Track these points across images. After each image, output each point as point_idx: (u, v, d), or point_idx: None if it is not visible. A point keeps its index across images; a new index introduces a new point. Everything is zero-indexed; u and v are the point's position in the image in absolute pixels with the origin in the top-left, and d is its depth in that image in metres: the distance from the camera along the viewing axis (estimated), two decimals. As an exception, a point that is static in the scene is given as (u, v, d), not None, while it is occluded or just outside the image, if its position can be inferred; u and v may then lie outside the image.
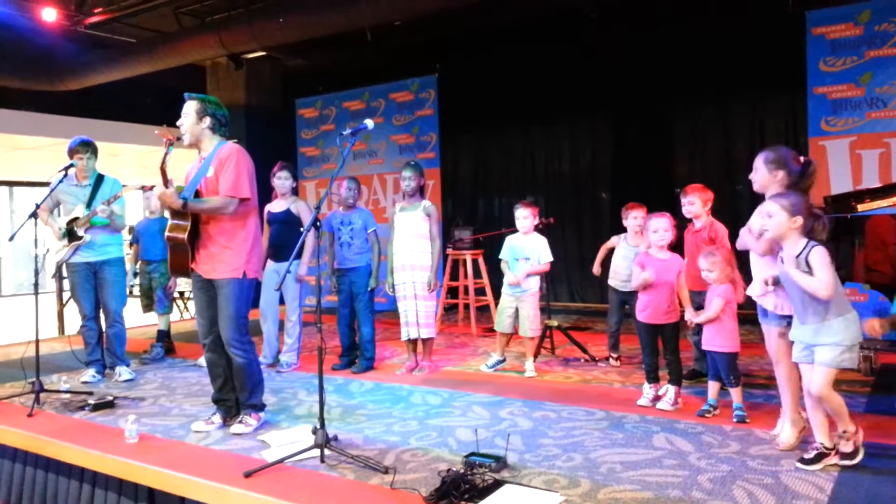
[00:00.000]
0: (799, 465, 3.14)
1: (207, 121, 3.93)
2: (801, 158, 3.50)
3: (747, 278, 3.71)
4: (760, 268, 3.53)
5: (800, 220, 3.10)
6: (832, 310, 3.07)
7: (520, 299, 5.28)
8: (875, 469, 3.10)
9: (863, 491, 2.89)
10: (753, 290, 3.58)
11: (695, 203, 4.58)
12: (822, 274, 3.03)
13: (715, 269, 3.97)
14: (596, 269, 5.69)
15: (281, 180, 5.59)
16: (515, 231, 5.42)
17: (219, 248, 3.87)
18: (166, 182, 3.80)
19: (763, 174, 3.48)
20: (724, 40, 7.34)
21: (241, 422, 3.93)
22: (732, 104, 7.80)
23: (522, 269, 5.27)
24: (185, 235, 3.82)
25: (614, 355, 5.50)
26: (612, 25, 7.63)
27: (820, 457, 3.15)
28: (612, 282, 5.42)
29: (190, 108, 3.92)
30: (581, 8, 7.18)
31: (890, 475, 3.02)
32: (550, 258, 5.34)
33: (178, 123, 3.95)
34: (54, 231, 5.22)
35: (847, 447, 3.11)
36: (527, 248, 5.31)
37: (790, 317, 3.34)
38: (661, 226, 4.30)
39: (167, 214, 4.03)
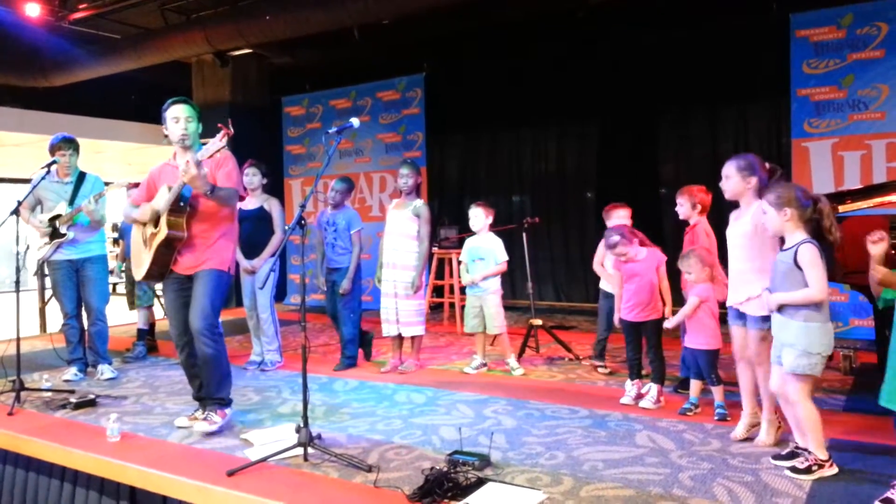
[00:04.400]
0: (789, 472, 3.09)
1: (200, 127, 4.03)
2: (767, 165, 3.53)
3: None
4: (739, 277, 3.55)
5: (789, 212, 3.09)
6: (802, 312, 3.06)
7: (482, 298, 5.33)
8: (854, 467, 3.13)
9: (841, 488, 2.92)
10: (732, 300, 3.60)
11: (683, 205, 4.56)
12: (812, 274, 3.00)
13: (693, 271, 4.00)
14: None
15: (248, 177, 5.55)
16: (497, 230, 5.44)
17: (209, 241, 3.90)
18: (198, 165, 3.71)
19: (736, 181, 3.51)
20: (709, 42, 7.39)
21: (205, 419, 3.90)
22: (717, 105, 7.84)
23: (479, 270, 5.30)
24: (184, 233, 3.82)
25: (600, 363, 5.25)
26: (599, 27, 7.66)
27: (792, 455, 3.17)
28: (602, 285, 5.27)
29: (193, 113, 3.96)
30: (570, 8, 7.20)
31: (869, 473, 3.06)
32: (506, 257, 5.35)
33: (182, 128, 3.90)
34: (38, 227, 5.18)
35: (802, 463, 3.07)
36: (482, 249, 5.33)
37: (768, 318, 3.37)
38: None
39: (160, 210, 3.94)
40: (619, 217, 5.10)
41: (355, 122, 3.85)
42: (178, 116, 3.91)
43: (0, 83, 9.16)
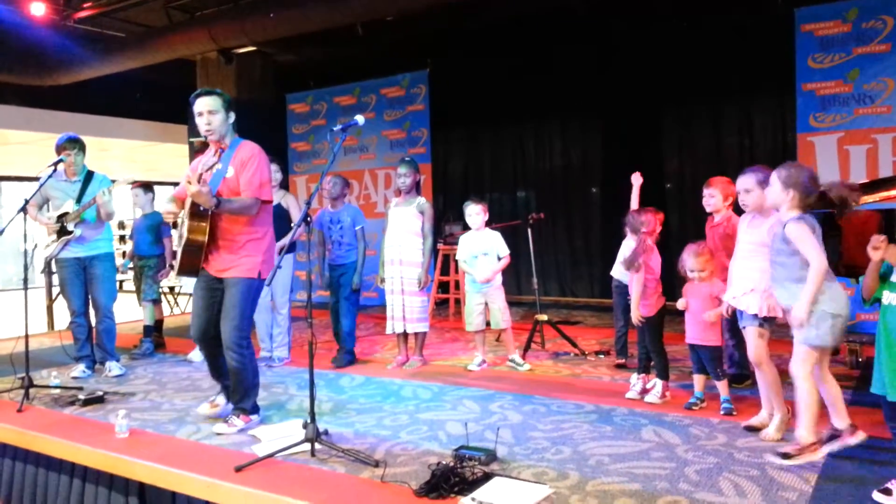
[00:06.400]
0: (771, 457, 3.15)
1: (232, 116, 3.91)
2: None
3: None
4: (740, 273, 3.57)
5: (792, 192, 3.11)
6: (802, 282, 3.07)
7: (488, 294, 5.29)
8: (860, 460, 3.14)
9: (847, 482, 2.93)
10: (729, 295, 3.62)
11: (715, 196, 4.44)
12: (807, 249, 3.02)
13: (706, 268, 3.98)
14: None
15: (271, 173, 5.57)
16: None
17: (236, 247, 3.82)
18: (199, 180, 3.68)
19: (758, 194, 3.52)
20: (713, 37, 7.37)
21: (226, 421, 3.87)
22: (722, 100, 7.83)
23: (490, 266, 5.24)
24: (205, 238, 3.76)
25: (621, 360, 5.24)
26: (602, 22, 7.64)
27: (831, 437, 3.17)
28: (614, 272, 5.18)
29: (217, 104, 3.83)
30: (571, 3, 7.19)
31: (874, 466, 3.07)
32: (508, 251, 5.32)
33: (206, 123, 3.79)
34: (45, 223, 5.19)
35: (783, 447, 3.14)
36: (484, 244, 5.29)
37: (767, 318, 3.41)
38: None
39: (183, 215, 3.86)
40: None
41: (360, 119, 3.85)
42: (201, 111, 3.80)
43: (5, 82, 9.18)
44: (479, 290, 5.32)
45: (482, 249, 5.30)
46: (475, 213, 5.32)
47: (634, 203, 5.21)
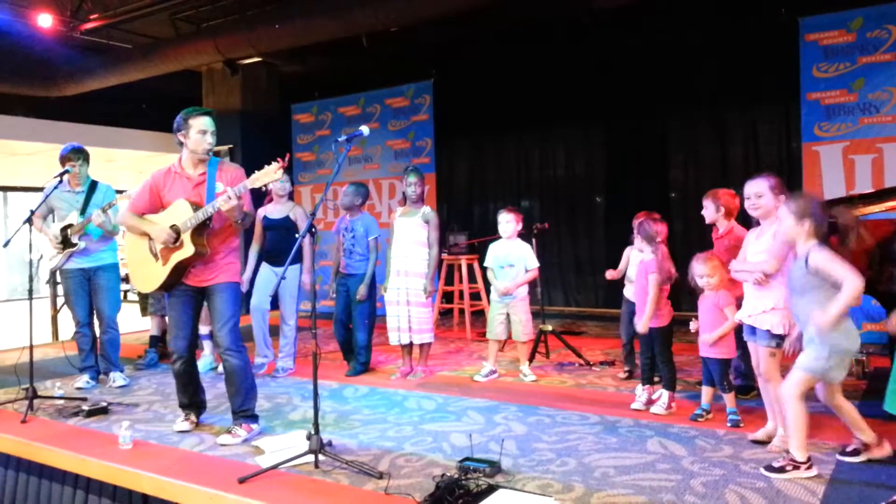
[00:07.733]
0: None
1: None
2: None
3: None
4: (755, 292, 3.56)
5: (807, 223, 3.08)
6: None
7: (510, 306, 5.24)
8: (867, 472, 3.11)
9: (854, 494, 2.90)
10: (744, 313, 3.61)
11: (708, 208, 4.45)
12: (837, 271, 2.97)
13: (715, 274, 3.95)
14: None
15: (282, 183, 5.58)
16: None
17: (220, 256, 3.94)
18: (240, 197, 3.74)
19: (769, 199, 3.50)
20: (718, 46, 7.38)
21: (229, 432, 3.87)
22: (726, 110, 7.82)
23: (512, 278, 5.21)
24: (206, 250, 3.85)
25: (626, 368, 5.26)
26: (606, 31, 7.67)
27: (783, 469, 3.10)
28: (625, 291, 5.27)
29: (215, 127, 3.96)
30: (575, 14, 7.22)
31: (882, 479, 3.04)
32: (537, 264, 5.28)
33: (209, 141, 3.89)
34: (50, 239, 5.22)
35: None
36: (511, 255, 5.24)
37: (780, 336, 3.39)
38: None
39: (183, 229, 3.85)
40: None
41: (365, 129, 3.85)
42: (207, 129, 3.87)
43: (13, 93, 9.25)
44: (502, 301, 5.26)
45: (508, 261, 5.23)
46: (505, 220, 5.25)
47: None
